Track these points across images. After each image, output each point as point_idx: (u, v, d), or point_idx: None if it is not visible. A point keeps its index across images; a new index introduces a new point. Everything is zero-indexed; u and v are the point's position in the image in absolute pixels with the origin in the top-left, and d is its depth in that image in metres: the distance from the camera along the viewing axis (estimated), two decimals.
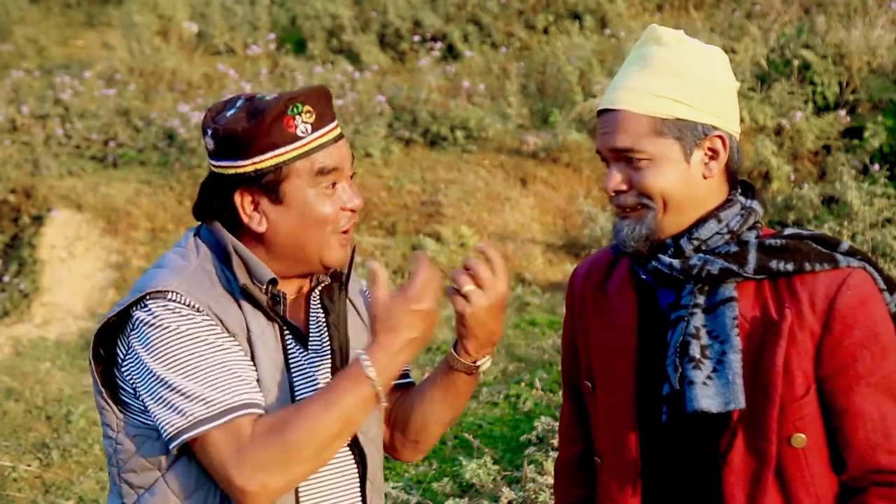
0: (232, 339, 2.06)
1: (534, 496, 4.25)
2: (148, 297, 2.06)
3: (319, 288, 2.26)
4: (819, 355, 1.92)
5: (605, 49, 9.11)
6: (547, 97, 8.76)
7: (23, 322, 7.69)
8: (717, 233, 1.99)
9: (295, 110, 2.11)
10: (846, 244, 1.99)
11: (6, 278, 8.04)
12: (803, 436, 1.93)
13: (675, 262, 1.98)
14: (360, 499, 2.23)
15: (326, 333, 2.24)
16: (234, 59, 10.41)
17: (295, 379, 2.14)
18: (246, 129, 2.09)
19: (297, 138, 2.11)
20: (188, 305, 2.04)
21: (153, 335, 2.02)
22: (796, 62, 7.86)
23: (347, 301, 2.30)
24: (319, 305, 2.27)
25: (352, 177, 2.21)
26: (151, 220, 8.29)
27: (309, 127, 2.12)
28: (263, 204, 2.13)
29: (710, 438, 1.96)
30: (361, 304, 2.36)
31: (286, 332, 2.16)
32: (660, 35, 2.02)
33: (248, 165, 2.11)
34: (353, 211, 2.18)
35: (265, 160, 2.10)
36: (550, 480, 4.12)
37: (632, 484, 2.06)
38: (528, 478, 4.31)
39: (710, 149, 1.99)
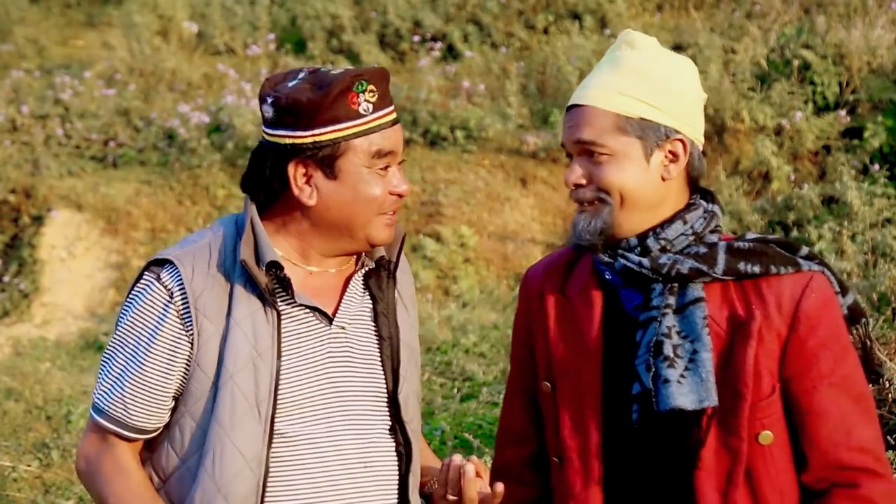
0: (180, 345, 2.11)
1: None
2: (149, 268, 2.16)
3: (363, 271, 2.27)
4: (784, 356, 1.99)
5: (604, 49, 9.10)
6: (547, 97, 8.76)
7: (23, 322, 7.69)
8: (683, 234, 2.05)
9: (360, 87, 2.13)
10: (805, 249, 2.07)
11: (6, 278, 8.04)
12: (770, 433, 1.99)
13: (645, 261, 2.03)
14: (397, 492, 2.23)
15: (370, 321, 2.25)
16: (234, 59, 10.41)
17: (287, 364, 2.13)
18: (311, 99, 2.10)
19: (359, 115, 2.12)
20: (170, 294, 2.11)
21: (124, 317, 2.17)
22: (796, 62, 7.86)
23: (396, 291, 2.31)
24: (365, 292, 2.27)
25: (401, 163, 2.23)
26: (151, 220, 8.30)
27: (371, 106, 2.14)
28: (317, 177, 2.14)
29: (682, 436, 1.99)
30: (407, 292, 2.37)
31: (287, 316, 2.15)
32: (633, 39, 2.08)
33: (307, 136, 2.11)
34: (400, 196, 2.20)
35: (326, 133, 2.11)
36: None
37: (596, 484, 2.08)
38: None
39: (670, 151, 2.05)
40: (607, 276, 2.08)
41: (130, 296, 2.18)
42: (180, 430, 2.14)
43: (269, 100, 2.14)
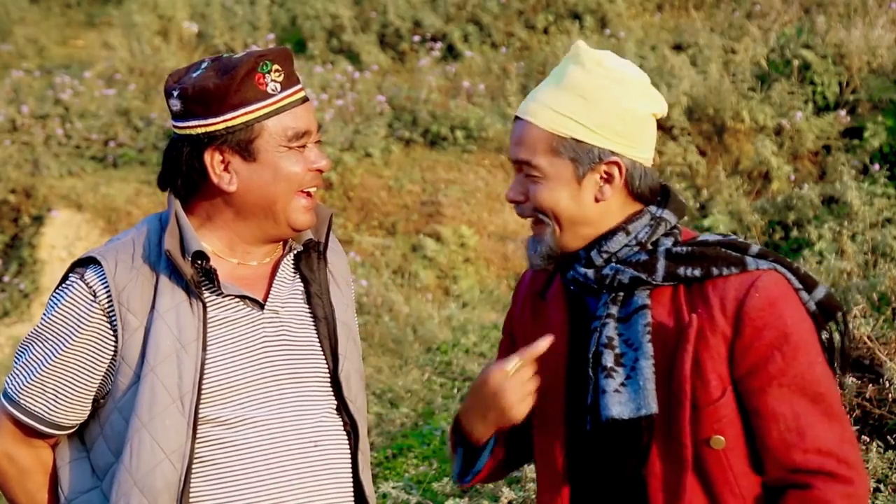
0: (105, 341, 2.12)
1: (534, 496, 4.25)
2: (73, 269, 2.17)
3: (292, 255, 2.26)
4: (732, 357, 1.95)
5: (604, 49, 9.10)
6: None
7: (23, 322, 7.69)
8: (626, 245, 2.02)
9: (265, 68, 2.12)
10: (756, 247, 2.03)
11: (6, 278, 8.04)
12: (722, 438, 1.95)
13: (590, 273, 2.02)
14: (350, 470, 2.24)
15: (304, 303, 2.24)
16: None
17: (215, 353, 2.12)
18: (218, 84, 2.09)
19: (267, 95, 2.12)
20: (93, 293, 2.11)
21: (46, 313, 2.17)
22: (796, 62, 7.86)
23: (328, 272, 2.30)
24: (296, 275, 2.27)
25: (318, 142, 2.22)
26: None
27: (278, 86, 2.14)
28: (235, 162, 2.14)
29: (631, 445, 1.98)
30: (339, 271, 2.36)
31: (216, 305, 2.15)
32: (580, 54, 2.06)
33: (219, 122, 2.11)
34: (319, 171, 2.20)
35: (237, 117, 2.11)
36: None
37: (560, 491, 2.09)
38: (528, 478, 4.31)
39: (606, 172, 2.02)
40: (570, 287, 2.09)
41: (53, 295, 2.19)
42: (111, 426, 2.14)
43: (176, 92, 2.14)
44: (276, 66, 2.14)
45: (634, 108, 2.02)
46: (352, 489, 2.23)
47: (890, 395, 3.96)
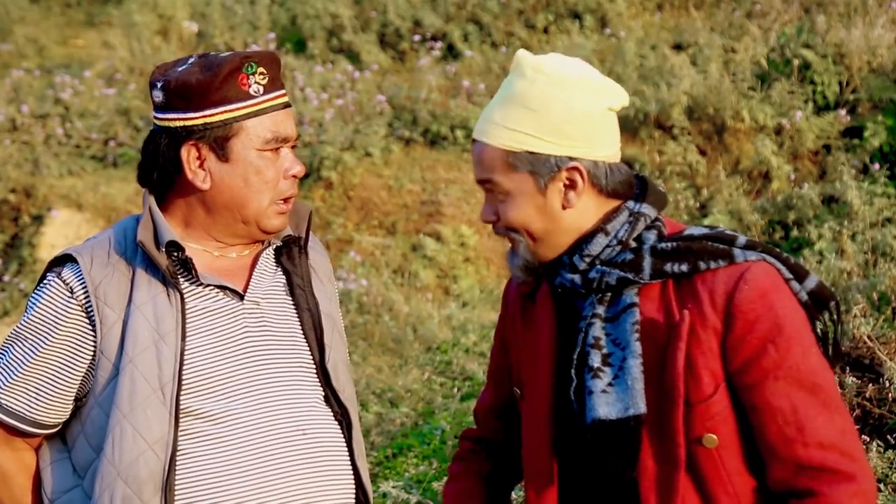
0: (84, 337, 2.12)
1: None
2: (51, 268, 2.17)
3: (272, 248, 2.27)
4: (724, 352, 1.91)
5: (605, 49, 9.11)
6: None
7: None
8: (608, 245, 1.98)
9: (250, 69, 2.12)
10: (743, 238, 1.98)
11: (6, 278, 8.04)
12: (714, 436, 1.92)
13: (576, 278, 1.99)
14: (349, 459, 2.23)
15: (286, 295, 2.24)
16: None
17: (195, 343, 2.12)
18: (200, 80, 2.09)
19: (249, 96, 2.12)
20: (71, 290, 2.11)
21: (26, 312, 2.18)
22: (796, 62, 7.86)
23: (310, 266, 2.30)
24: (277, 268, 2.26)
25: (293, 147, 2.22)
26: None
27: (261, 88, 2.13)
28: (210, 160, 2.13)
29: (621, 446, 1.94)
30: (321, 267, 2.35)
31: (195, 296, 2.14)
32: (520, 65, 2.01)
33: (197, 118, 2.11)
34: (294, 177, 2.19)
35: (216, 114, 2.10)
36: None
37: (548, 492, 2.06)
38: None
39: (568, 179, 1.98)
40: (558, 290, 2.07)
41: (32, 294, 2.19)
42: (92, 422, 2.14)
43: (159, 84, 2.14)
44: (261, 69, 2.13)
45: (584, 108, 1.97)
46: (352, 476, 2.23)
47: (890, 395, 3.96)
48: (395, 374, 6.16)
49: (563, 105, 1.96)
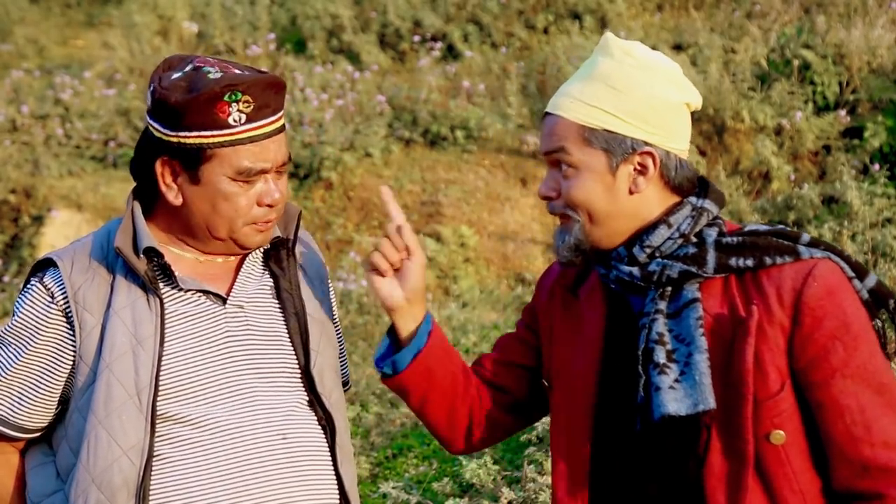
0: (65, 342, 2.12)
1: (534, 496, 4.25)
2: (34, 272, 2.17)
3: (260, 252, 2.25)
4: (791, 349, 1.90)
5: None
6: (547, 97, 8.75)
7: None
8: (669, 238, 1.97)
9: (233, 97, 2.06)
10: (807, 236, 1.97)
11: (6, 278, 8.04)
12: (782, 432, 1.90)
13: (634, 270, 1.97)
14: (331, 465, 2.21)
15: (272, 298, 2.22)
16: (234, 59, 10.40)
17: (174, 348, 2.11)
18: (178, 101, 2.05)
19: (227, 125, 2.06)
20: (51, 295, 2.11)
21: (11, 318, 2.17)
22: (796, 62, 7.86)
23: (300, 268, 2.28)
24: (264, 271, 2.25)
25: (281, 169, 2.16)
26: None
27: (243, 117, 2.07)
28: (182, 179, 2.11)
29: (685, 443, 1.92)
30: (312, 268, 2.33)
31: (175, 300, 2.13)
32: (608, 45, 2.02)
33: (172, 136, 2.08)
34: (270, 206, 2.14)
35: (190, 138, 2.07)
36: (550, 480, 4.11)
37: (581, 491, 2.03)
38: (528, 478, 4.30)
39: (640, 164, 1.97)
40: (611, 285, 2.04)
41: (17, 299, 2.20)
42: (73, 427, 2.14)
43: (151, 87, 2.11)
44: (246, 98, 2.06)
45: (666, 97, 1.98)
46: (334, 482, 2.20)
47: None
48: None
49: (647, 90, 1.97)
